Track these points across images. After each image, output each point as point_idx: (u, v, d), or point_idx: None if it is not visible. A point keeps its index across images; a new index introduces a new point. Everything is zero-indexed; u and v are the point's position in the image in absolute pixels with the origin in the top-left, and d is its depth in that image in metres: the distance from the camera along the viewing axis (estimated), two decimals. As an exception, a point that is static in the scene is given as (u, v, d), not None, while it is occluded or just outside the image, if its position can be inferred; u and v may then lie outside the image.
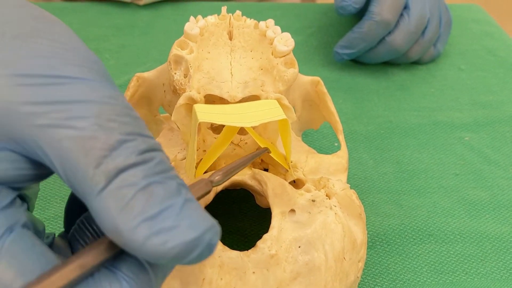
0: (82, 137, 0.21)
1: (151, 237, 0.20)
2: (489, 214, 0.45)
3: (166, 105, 0.40)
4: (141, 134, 0.22)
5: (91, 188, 0.21)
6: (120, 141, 0.21)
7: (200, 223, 0.21)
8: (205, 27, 0.38)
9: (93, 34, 0.63)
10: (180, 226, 0.21)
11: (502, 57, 0.65)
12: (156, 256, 0.20)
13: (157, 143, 0.23)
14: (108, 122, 0.22)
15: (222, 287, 0.29)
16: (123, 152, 0.21)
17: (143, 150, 0.22)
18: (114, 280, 0.22)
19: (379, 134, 0.53)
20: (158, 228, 0.20)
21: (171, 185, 0.21)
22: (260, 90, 0.36)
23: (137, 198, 0.21)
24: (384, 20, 0.56)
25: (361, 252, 0.34)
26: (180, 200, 0.21)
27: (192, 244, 0.21)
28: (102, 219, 0.21)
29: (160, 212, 0.21)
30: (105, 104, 0.22)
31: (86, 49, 0.24)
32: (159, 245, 0.20)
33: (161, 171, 0.22)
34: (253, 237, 0.41)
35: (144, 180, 0.21)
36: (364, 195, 0.46)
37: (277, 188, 0.32)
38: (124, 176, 0.21)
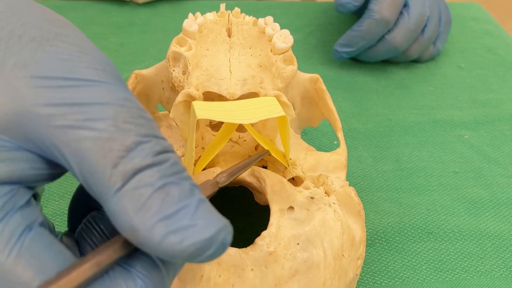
0: (100, 138, 0.21)
1: (168, 236, 0.21)
2: (488, 212, 0.45)
3: (165, 102, 0.40)
4: (155, 135, 0.23)
5: (108, 188, 0.21)
6: (136, 143, 0.22)
7: (215, 222, 0.22)
8: (204, 24, 0.37)
9: (91, 32, 0.63)
10: (197, 225, 0.21)
11: (501, 55, 0.65)
12: (173, 254, 0.21)
13: (170, 145, 0.23)
14: (124, 124, 0.22)
15: (220, 284, 0.29)
16: (139, 153, 0.22)
17: (158, 152, 0.22)
18: (129, 278, 0.23)
19: (378, 132, 0.53)
20: (175, 227, 0.21)
21: (185, 185, 0.22)
22: (259, 87, 0.36)
23: (154, 198, 0.21)
24: (383, 18, 0.55)
25: (360, 250, 0.34)
26: (194, 200, 0.22)
27: (208, 242, 0.21)
28: (119, 218, 0.21)
29: (176, 211, 0.21)
30: (121, 106, 0.22)
31: (99, 52, 0.25)
32: (176, 244, 0.21)
33: (176, 172, 0.22)
34: (251, 235, 0.41)
35: (160, 181, 0.21)
36: (363, 193, 0.46)
37: (275, 185, 0.32)
38: (141, 176, 0.21)
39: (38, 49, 0.23)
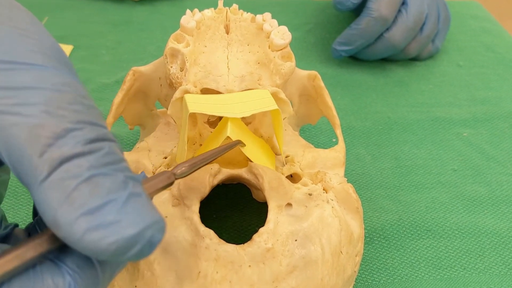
0: (28, 124, 0.20)
1: (90, 232, 0.20)
2: (487, 209, 0.45)
3: (163, 99, 0.39)
4: (92, 123, 0.21)
5: (34, 177, 0.20)
6: (67, 130, 0.21)
7: (142, 219, 0.20)
8: (202, 20, 0.37)
9: (89, 30, 0.63)
10: (121, 221, 0.20)
11: (500, 53, 0.65)
12: (94, 251, 0.20)
13: (108, 133, 0.22)
14: (58, 109, 0.21)
15: (218, 280, 0.29)
16: (69, 140, 0.20)
17: (91, 140, 0.21)
18: (57, 273, 0.21)
19: (377, 130, 0.53)
20: (98, 222, 0.20)
21: (118, 177, 0.21)
22: (257, 84, 0.35)
23: (80, 190, 0.20)
24: (382, 16, 0.55)
25: (358, 246, 0.34)
26: (124, 194, 0.20)
27: (131, 240, 0.20)
28: (43, 210, 0.20)
29: (102, 205, 0.20)
30: (56, 91, 0.21)
31: (47, 36, 0.23)
32: (97, 241, 0.20)
33: (109, 162, 0.21)
34: (249, 231, 0.41)
35: (89, 171, 0.20)
36: (362, 190, 0.46)
37: (273, 182, 0.32)
38: (68, 166, 0.20)
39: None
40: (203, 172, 0.32)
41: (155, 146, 0.37)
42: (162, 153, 0.37)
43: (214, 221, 0.41)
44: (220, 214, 0.42)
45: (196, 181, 0.31)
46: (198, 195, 0.31)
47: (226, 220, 0.41)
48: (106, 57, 0.59)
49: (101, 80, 0.56)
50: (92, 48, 0.60)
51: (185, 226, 0.30)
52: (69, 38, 0.61)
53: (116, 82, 0.55)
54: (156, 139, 0.38)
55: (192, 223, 0.30)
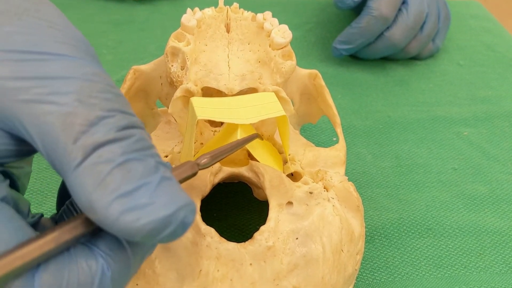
0: (62, 112, 0.21)
1: (125, 214, 0.20)
2: (488, 208, 0.45)
3: (163, 98, 0.39)
4: (122, 111, 0.22)
5: (68, 163, 0.21)
6: (99, 117, 0.21)
7: (175, 200, 0.21)
8: (202, 19, 0.37)
9: (90, 29, 0.63)
10: (154, 203, 0.21)
11: (501, 52, 0.65)
12: (129, 233, 0.21)
13: (138, 121, 0.23)
14: (89, 98, 0.22)
15: (219, 278, 0.29)
16: (102, 128, 0.21)
17: (123, 127, 0.22)
18: (91, 256, 0.22)
19: (377, 129, 0.53)
20: (132, 205, 0.20)
21: (149, 162, 0.22)
22: (257, 83, 0.35)
23: (113, 174, 0.21)
24: (382, 15, 0.55)
25: (359, 245, 0.34)
26: (156, 178, 0.21)
27: (165, 221, 0.21)
28: (78, 194, 0.21)
29: (135, 189, 0.21)
30: (87, 80, 0.22)
31: (73, 28, 0.24)
32: (132, 222, 0.20)
33: (140, 148, 0.22)
34: (250, 230, 0.41)
35: (122, 157, 0.21)
36: (362, 189, 0.46)
37: (274, 180, 0.32)
38: (101, 152, 0.21)
39: (4, 22, 0.23)
40: (204, 171, 0.32)
41: (156, 145, 0.37)
42: (163, 152, 0.37)
43: (215, 220, 0.41)
44: (221, 212, 0.42)
45: (197, 180, 0.32)
46: (199, 194, 0.31)
47: (227, 218, 0.42)
48: (107, 56, 0.59)
49: (102, 79, 0.56)
50: (93, 47, 0.60)
51: (186, 225, 0.30)
52: (70, 37, 0.61)
53: (117, 81, 0.55)
54: (157, 138, 0.38)
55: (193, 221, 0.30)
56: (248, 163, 0.34)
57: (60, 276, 0.21)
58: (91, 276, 0.22)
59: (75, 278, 0.21)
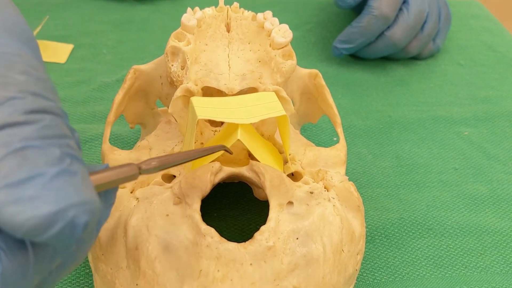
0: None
1: (8, 205, 0.19)
2: (488, 208, 0.45)
3: (164, 98, 0.39)
4: (36, 94, 0.21)
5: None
6: (7, 98, 0.20)
7: (66, 197, 0.19)
8: (203, 19, 0.37)
9: (90, 29, 0.63)
10: (41, 197, 0.19)
11: (501, 52, 0.65)
12: (11, 226, 0.19)
13: (55, 107, 0.21)
14: (2, 77, 0.20)
15: (219, 279, 0.29)
16: (7, 108, 0.20)
17: (32, 110, 0.20)
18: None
19: (378, 129, 0.53)
20: (17, 196, 0.19)
21: (52, 152, 0.20)
22: (258, 83, 0.35)
23: (7, 160, 0.19)
24: (383, 14, 0.55)
25: (360, 245, 0.34)
26: (54, 170, 0.19)
27: (50, 218, 0.19)
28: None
29: (26, 179, 0.19)
30: (6, 60, 0.21)
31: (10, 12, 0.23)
32: (14, 215, 0.19)
33: (47, 136, 0.20)
34: (250, 230, 0.41)
35: (20, 142, 0.19)
36: (363, 189, 0.46)
37: (274, 180, 0.32)
38: (0, 134, 0.19)
39: None
40: (204, 170, 0.32)
41: (156, 145, 0.37)
42: (163, 151, 0.37)
43: (215, 220, 0.41)
44: (221, 212, 0.42)
45: (197, 180, 0.31)
46: (199, 194, 0.31)
47: (227, 218, 0.41)
48: (107, 56, 0.59)
49: (102, 79, 0.56)
50: (93, 47, 0.60)
51: (186, 225, 0.30)
52: (70, 37, 0.61)
53: (117, 81, 0.55)
54: (157, 137, 0.38)
55: (193, 221, 0.30)
56: (249, 163, 0.34)
57: None
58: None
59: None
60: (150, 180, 0.34)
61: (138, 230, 0.30)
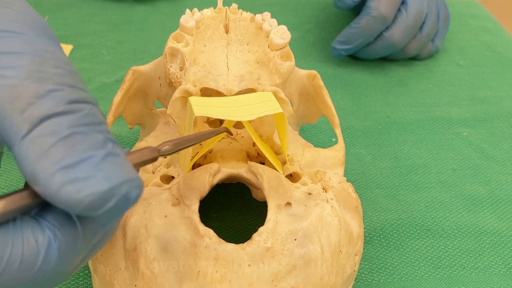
0: (10, 85, 0.21)
1: (66, 185, 0.21)
2: (487, 209, 0.45)
3: (162, 99, 0.39)
4: (72, 85, 0.22)
5: (15, 135, 0.21)
6: (48, 90, 0.22)
7: (117, 175, 0.21)
8: (201, 20, 0.37)
9: (89, 29, 0.63)
10: (96, 176, 0.21)
11: (500, 53, 0.65)
12: (70, 204, 0.21)
13: (90, 97, 0.23)
14: (39, 72, 0.22)
15: (217, 280, 0.29)
16: (49, 100, 0.21)
17: (72, 100, 0.22)
18: (37, 228, 0.22)
19: (376, 129, 0.53)
20: (74, 177, 0.21)
21: (96, 137, 0.22)
22: (256, 84, 0.35)
23: (58, 146, 0.21)
24: (381, 15, 0.55)
25: (358, 246, 0.34)
26: (102, 152, 0.21)
27: (106, 194, 0.21)
28: (22, 165, 0.21)
29: (78, 162, 0.21)
30: (39, 56, 0.23)
31: (31, 10, 0.25)
32: (73, 193, 0.21)
33: (88, 123, 0.22)
34: (249, 231, 0.41)
35: (68, 130, 0.21)
36: (361, 190, 0.46)
37: (273, 181, 0.32)
38: (48, 124, 0.21)
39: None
40: (202, 172, 0.32)
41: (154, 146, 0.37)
42: (161, 152, 0.37)
43: (214, 220, 0.41)
44: (220, 213, 0.42)
45: (195, 181, 0.32)
46: (197, 195, 0.31)
47: (226, 219, 0.41)
48: (106, 56, 0.59)
49: (101, 79, 0.56)
50: (92, 48, 0.60)
51: (184, 226, 0.30)
52: (69, 37, 0.61)
53: (116, 81, 0.55)
54: (156, 138, 0.38)
55: (191, 222, 0.30)
56: (247, 164, 0.34)
57: (3, 246, 0.21)
58: (36, 247, 0.22)
59: (19, 248, 0.21)
60: (148, 181, 0.34)
61: (136, 231, 0.31)
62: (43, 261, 0.22)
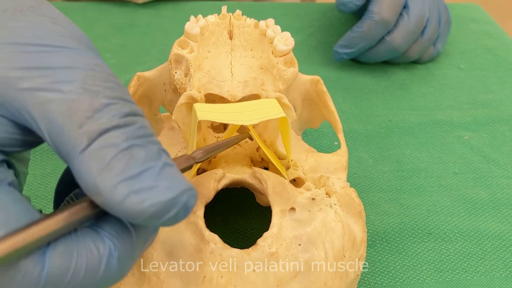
0: (67, 99, 0.22)
1: (130, 196, 0.21)
2: (488, 212, 0.46)
3: (167, 104, 0.40)
4: (124, 99, 0.23)
5: (74, 148, 0.22)
6: (104, 104, 0.22)
7: (178, 184, 0.22)
8: (206, 26, 0.38)
9: (93, 33, 0.63)
10: (159, 186, 0.22)
11: (501, 56, 0.65)
12: (134, 214, 0.21)
13: (139, 109, 0.24)
14: (93, 86, 0.23)
15: (223, 284, 0.29)
16: (106, 114, 0.22)
17: (126, 114, 0.23)
18: (97, 238, 0.23)
19: (378, 133, 0.53)
20: (137, 187, 0.21)
21: (152, 149, 0.23)
22: (260, 89, 0.36)
23: (118, 158, 0.22)
24: (383, 19, 0.56)
25: (361, 250, 0.34)
26: (159, 163, 0.22)
27: (169, 203, 0.22)
28: (83, 178, 0.22)
29: (140, 173, 0.22)
30: (90, 70, 0.23)
31: (74, 25, 0.26)
32: (137, 204, 0.21)
33: (143, 135, 0.23)
34: (253, 236, 0.41)
35: (126, 142, 0.22)
36: (364, 193, 0.46)
37: (277, 187, 0.33)
38: (106, 137, 0.22)
39: (11, 18, 0.24)
40: (207, 177, 0.33)
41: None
42: (166, 157, 0.37)
43: (218, 225, 0.42)
44: (224, 217, 0.42)
45: (201, 186, 0.32)
46: (202, 200, 0.32)
47: (230, 223, 0.42)
48: (110, 60, 0.59)
49: (105, 83, 0.56)
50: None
51: (190, 231, 0.30)
52: (73, 41, 0.61)
53: (119, 85, 0.56)
54: (161, 143, 0.38)
55: (197, 228, 0.30)
56: (251, 170, 0.34)
57: (69, 256, 0.22)
58: (99, 256, 0.22)
59: (84, 258, 0.22)
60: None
61: (142, 237, 0.31)
62: (105, 269, 0.22)
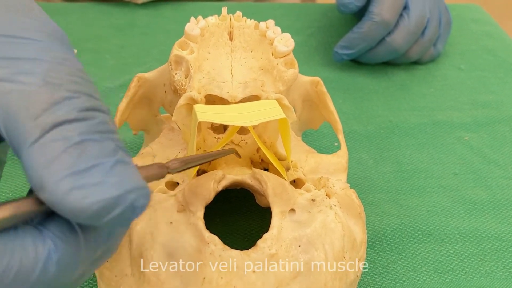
0: (26, 91, 0.22)
1: (73, 191, 0.20)
2: (488, 213, 0.46)
3: (167, 105, 0.40)
4: (88, 94, 0.23)
5: (25, 140, 0.21)
6: (64, 97, 0.22)
7: (126, 182, 0.21)
8: (206, 27, 0.38)
9: (92, 34, 0.63)
10: (105, 183, 0.21)
11: (501, 57, 0.65)
12: (76, 211, 0.20)
13: (103, 106, 0.23)
14: (56, 79, 0.22)
15: (223, 286, 0.29)
16: (64, 107, 0.22)
17: (86, 108, 0.22)
18: (38, 237, 0.21)
19: (378, 133, 0.53)
20: (82, 183, 0.20)
21: (109, 145, 0.22)
22: (260, 90, 0.36)
23: (68, 152, 0.21)
24: (383, 20, 0.56)
25: (361, 251, 0.34)
26: (112, 160, 0.21)
27: (113, 202, 0.21)
28: (30, 171, 0.21)
29: (88, 168, 0.21)
30: (56, 64, 0.23)
31: (48, 19, 0.25)
32: (78, 200, 0.20)
33: (102, 130, 0.22)
34: (253, 237, 0.41)
35: (80, 136, 0.21)
36: (364, 194, 0.46)
37: (277, 188, 0.33)
38: (60, 130, 0.21)
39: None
40: (207, 179, 0.33)
41: (159, 152, 0.38)
42: (166, 159, 0.37)
43: (218, 225, 0.42)
44: (224, 218, 0.42)
45: (200, 188, 0.32)
46: (202, 201, 0.32)
47: (230, 224, 0.42)
48: (110, 61, 0.59)
49: (105, 84, 0.56)
50: (96, 52, 0.60)
51: (190, 232, 0.30)
52: (73, 42, 0.60)
53: (120, 86, 0.56)
54: (161, 145, 0.39)
55: (197, 229, 0.30)
56: (251, 170, 0.34)
57: (1, 253, 0.21)
58: (35, 258, 0.21)
59: (17, 258, 0.21)
60: (154, 187, 0.34)
61: (142, 238, 0.31)
62: (40, 272, 0.21)
